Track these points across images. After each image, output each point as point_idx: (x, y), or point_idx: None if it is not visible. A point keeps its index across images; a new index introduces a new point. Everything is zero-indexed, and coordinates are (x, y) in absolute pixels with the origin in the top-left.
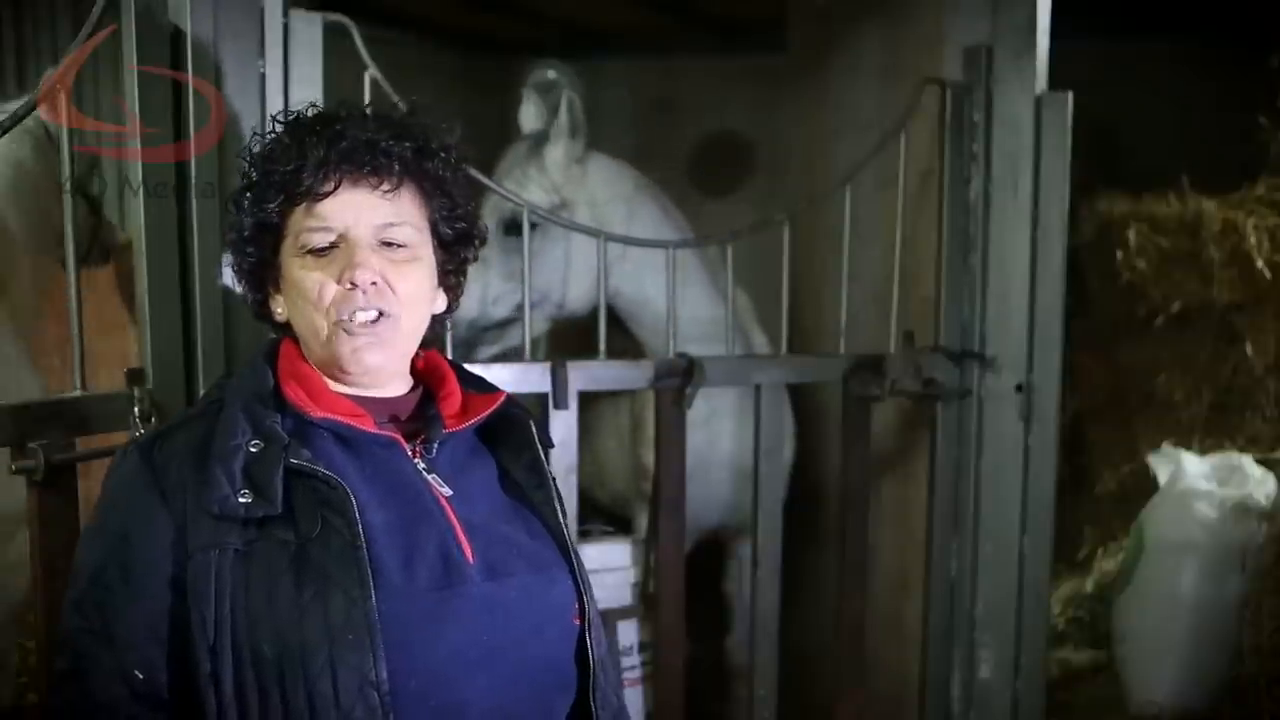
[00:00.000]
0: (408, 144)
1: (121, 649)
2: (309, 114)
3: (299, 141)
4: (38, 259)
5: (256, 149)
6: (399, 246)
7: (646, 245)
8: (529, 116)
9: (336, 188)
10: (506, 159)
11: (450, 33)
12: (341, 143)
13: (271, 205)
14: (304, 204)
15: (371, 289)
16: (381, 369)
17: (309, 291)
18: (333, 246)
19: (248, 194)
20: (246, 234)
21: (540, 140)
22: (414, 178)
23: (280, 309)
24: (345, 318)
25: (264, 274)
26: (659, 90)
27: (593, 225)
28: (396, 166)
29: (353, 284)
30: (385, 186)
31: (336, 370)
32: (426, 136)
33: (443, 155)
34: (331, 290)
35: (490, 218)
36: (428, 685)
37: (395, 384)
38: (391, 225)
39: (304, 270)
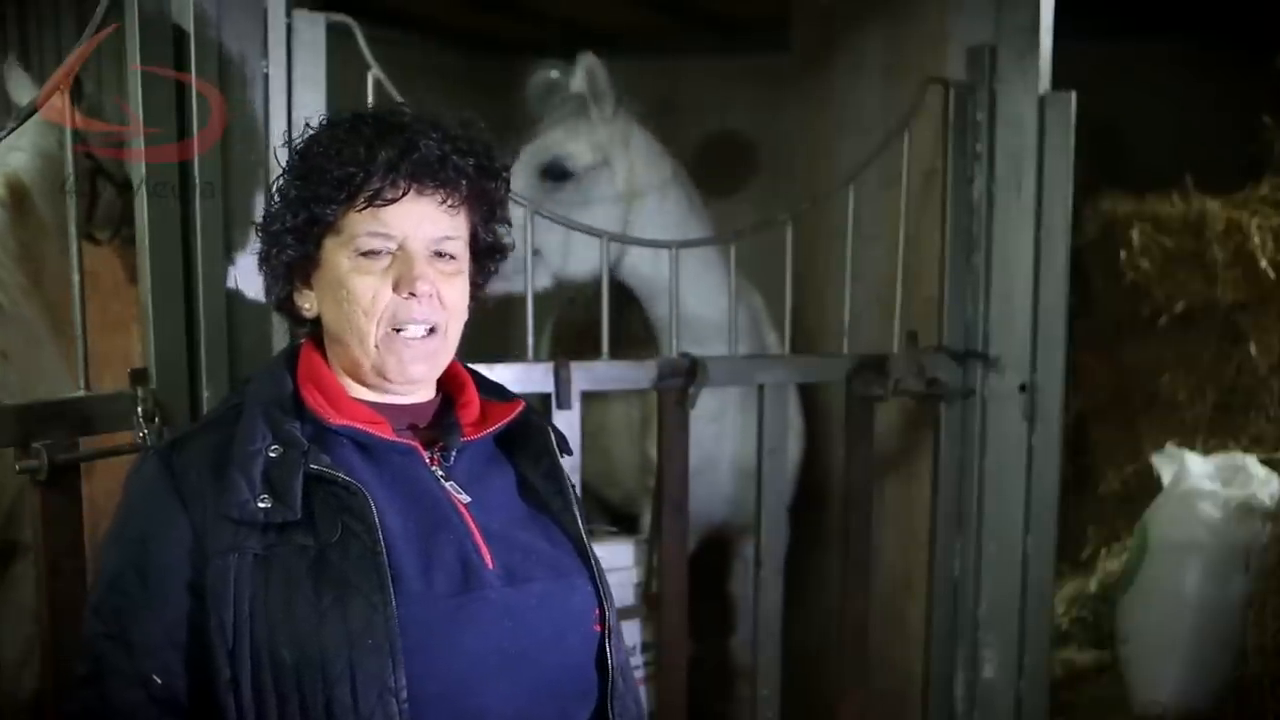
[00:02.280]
0: (472, 160)
1: (139, 654)
2: (368, 114)
3: (368, 143)
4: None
5: (307, 139)
6: (449, 258)
7: (650, 245)
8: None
9: (404, 195)
10: (553, 115)
11: (453, 33)
12: (415, 153)
13: (335, 204)
14: (365, 206)
15: (427, 300)
16: (424, 379)
17: (361, 296)
18: (386, 252)
19: (297, 185)
20: (291, 226)
21: (583, 101)
22: (473, 194)
23: (309, 305)
24: (398, 328)
25: (296, 269)
26: (662, 90)
27: (627, 193)
28: (464, 183)
29: (413, 294)
30: (450, 202)
31: (376, 375)
32: (490, 155)
33: (504, 176)
34: (386, 297)
35: (531, 162)
36: (447, 692)
37: (419, 390)
38: (448, 239)
39: (357, 274)
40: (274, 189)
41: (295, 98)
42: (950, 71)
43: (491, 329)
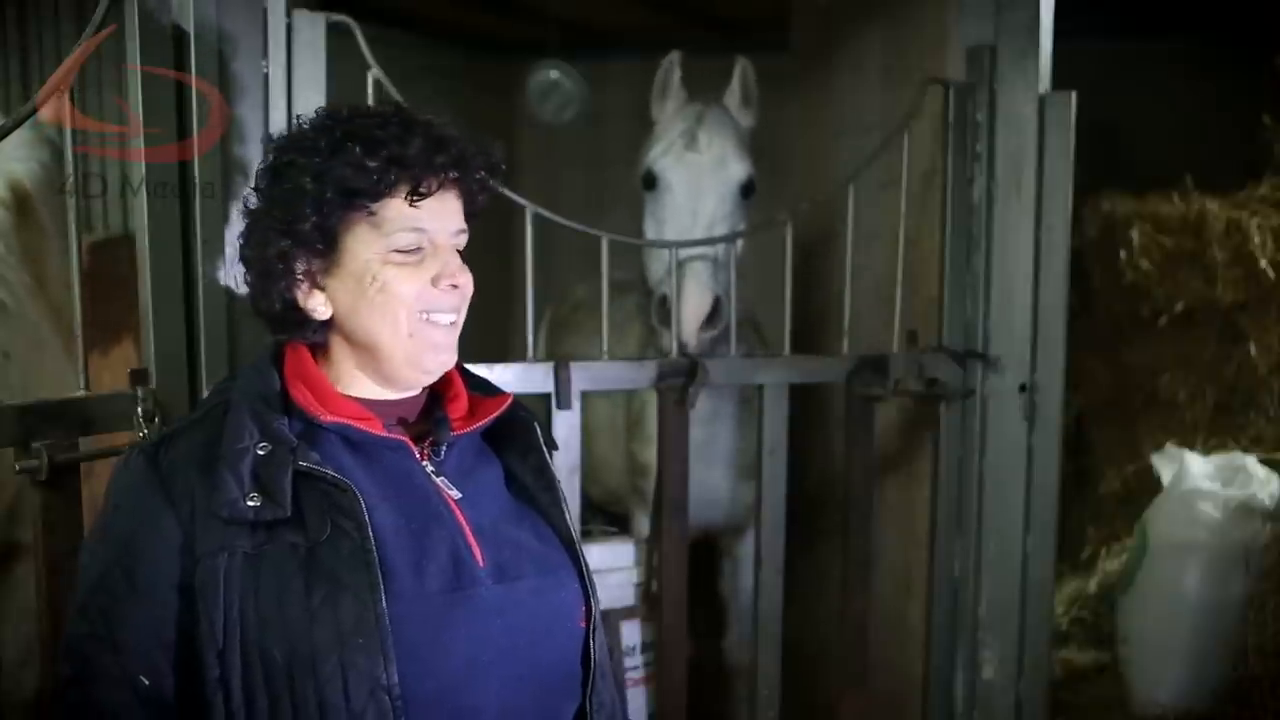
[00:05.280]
0: (484, 158)
1: (126, 655)
2: (377, 109)
3: (397, 136)
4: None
5: (317, 128)
6: (459, 252)
7: (650, 245)
8: (672, 96)
9: (438, 188)
10: (689, 118)
11: (452, 32)
12: (450, 146)
13: (379, 189)
14: (408, 196)
15: (454, 291)
16: (446, 369)
17: (405, 295)
18: (419, 248)
19: (321, 175)
20: (316, 223)
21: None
22: (483, 191)
23: (322, 306)
24: (429, 317)
25: (311, 270)
26: None
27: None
28: (478, 178)
29: (454, 286)
30: (468, 198)
31: (409, 367)
32: (496, 153)
33: (500, 178)
34: (425, 292)
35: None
36: (440, 689)
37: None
38: (462, 232)
39: (394, 269)
40: (292, 188)
41: (295, 98)
42: (950, 72)
43: (491, 329)
